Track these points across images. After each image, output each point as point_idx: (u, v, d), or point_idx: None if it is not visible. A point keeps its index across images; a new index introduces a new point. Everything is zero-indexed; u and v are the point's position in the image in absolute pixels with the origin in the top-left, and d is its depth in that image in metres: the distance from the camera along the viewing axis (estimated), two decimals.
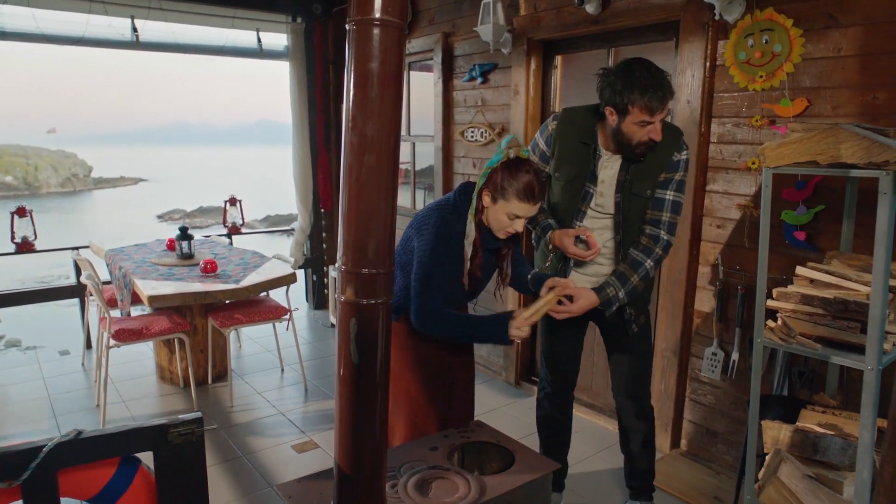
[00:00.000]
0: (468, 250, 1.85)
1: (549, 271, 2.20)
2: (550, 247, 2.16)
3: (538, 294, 1.96)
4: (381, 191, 1.40)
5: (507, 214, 1.78)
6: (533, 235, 2.25)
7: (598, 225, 2.10)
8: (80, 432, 1.41)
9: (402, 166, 4.72)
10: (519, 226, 1.81)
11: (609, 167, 2.05)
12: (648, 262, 2.02)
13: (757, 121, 2.45)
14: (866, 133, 1.37)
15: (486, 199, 1.79)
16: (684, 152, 2.04)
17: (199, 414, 1.52)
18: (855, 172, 1.43)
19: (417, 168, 4.70)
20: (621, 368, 2.30)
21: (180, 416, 1.50)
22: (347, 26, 1.35)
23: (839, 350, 1.54)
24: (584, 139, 2.06)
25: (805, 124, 1.71)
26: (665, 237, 2.03)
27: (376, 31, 1.32)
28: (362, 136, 1.37)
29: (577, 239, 2.07)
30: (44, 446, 1.35)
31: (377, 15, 1.31)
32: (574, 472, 2.71)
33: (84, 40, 4.15)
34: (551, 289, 1.91)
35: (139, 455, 1.52)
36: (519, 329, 1.75)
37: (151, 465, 1.50)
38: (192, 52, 4.60)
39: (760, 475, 1.71)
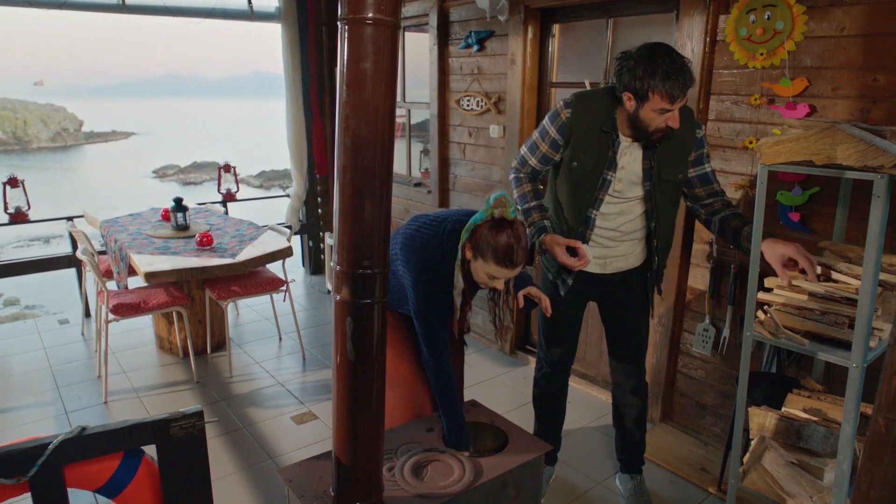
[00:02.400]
0: (457, 300, 1.84)
1: (544, 265, 2.22)
2: (541, 248, 2.12)
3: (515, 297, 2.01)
4: (375, 191, 1.39)
5: (486, 272, 1.75)
6: (528, 232, 2.22)
7: (614, 210, 2.08)
8: (83, 428, 1.44)
9: (398, 120, 4.64)
10: (498, 284, 1.79)
11: (629, 153, 2.02)
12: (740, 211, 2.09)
13: (756, 99, 2.42)
14: (863, 135, 1.36)
15: (468, 254, 1.77)
16: (702, 128, 2.09)
17: (199, 407, 1.55)
18: (850, 174, 1.43)
19: (413, 122, 4.63)
20: (620, 346, 2.33)
21: (181, 410, 1.54)
22: (339, 24, 1.32)
23: (826, 346, 1.58)
24: (604, 127, 2.01)
25: (803, 121, 1.69)
26: (727, 199, 2.11)
27: (369, 30, 1.29)
28: (356, 138, 1.35)
29: (568, 248, 2.04)
30: (49, 443, 1.39)
31: (370, 14, 1.28)
32: (566, 443, 2.79)
33: (68, 3, 4.03)
34: (526, 296, 1.96)
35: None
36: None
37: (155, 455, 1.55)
38: (180, 15, 4.47)
39: (745, 460, 1.77)
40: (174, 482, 1.53)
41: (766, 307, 1.72)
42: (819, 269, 1.72)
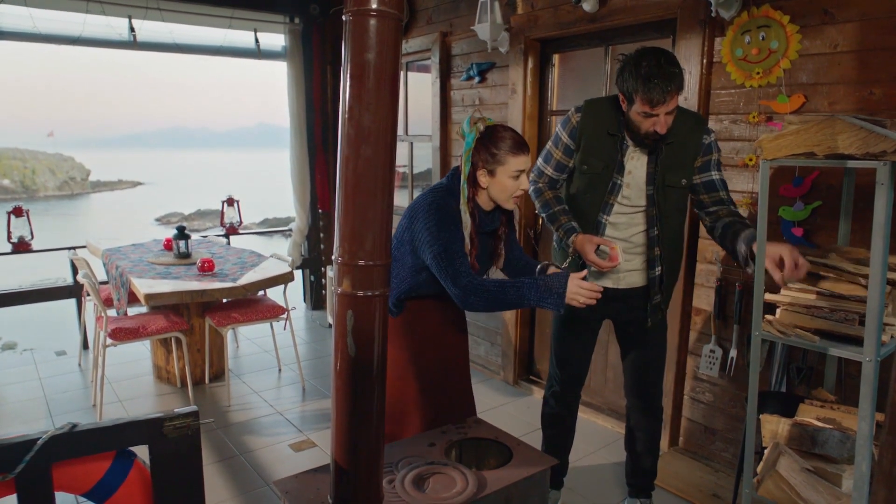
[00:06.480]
0: (467, 241, 1.82)
1: (571, 270, 2.17)
2: (571, 249, 2.06)
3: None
4: (377, 182, 1.39)
5: (511, 176, 1.77)
6: (554, 237, 2.18)
7: (623, 219, 2.07)
8: (74, 425, 1.39)
9: (399, 169, 4.70)
10: (525, 182, 1.81)
11: (636, 158, 2.02)
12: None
13: (754, 117, 2.45)
14: (863, 124, 1.36)
15: (484, 179, 1.78)
16: (712, 134, 2.05)
17: (194, 407, 1.51)
18: (852, 163, 1.43)
19: (415, 171, 4.69)
20: (636, 367, 2.26)
21: (176, 410, 1.49)
22: (344, 17, 1.35)
23: (837, 343, 1.54)
24: (611, 130, 2.02)
25: (802, 116, 1.71)
26: (735, 209, 2.03)
27: (373, 21, 1.32)
28: (359, 128, 1.36)
29: (599, 248, 1.99)
30: (38, 439, 1.35)
31: (374, 6, 1.31)
32: (572, 470, 2.70)
33: (81, 40, 4.15)
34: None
35: (135, 449, 1.51)
36: (576, 295, 1.70)
37: (147, 460, 1.50)
38: (189, 53, 4.60)
39: (759, 469, 1.70)
40: (166, 485, 1.47)
41: (775, 307, 1.69)
42: (805, 270, 1.62)
